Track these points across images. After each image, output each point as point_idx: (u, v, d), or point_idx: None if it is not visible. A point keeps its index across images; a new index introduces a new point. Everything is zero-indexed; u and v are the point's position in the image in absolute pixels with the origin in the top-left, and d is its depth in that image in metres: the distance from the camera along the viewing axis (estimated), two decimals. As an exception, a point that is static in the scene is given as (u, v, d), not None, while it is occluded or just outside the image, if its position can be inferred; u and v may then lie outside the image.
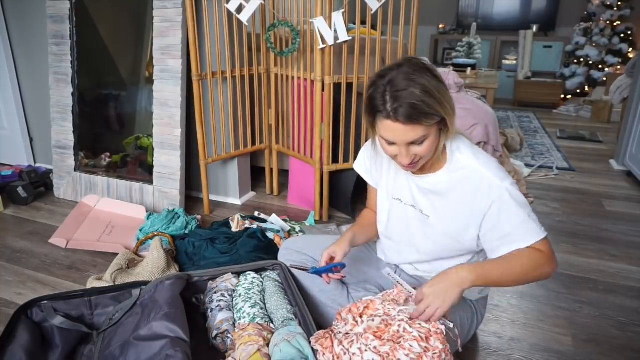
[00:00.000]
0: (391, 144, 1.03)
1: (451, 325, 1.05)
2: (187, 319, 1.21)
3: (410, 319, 1.03)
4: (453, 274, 1.01)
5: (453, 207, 1.12)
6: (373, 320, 1.07)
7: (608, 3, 5.04)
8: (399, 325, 1.02)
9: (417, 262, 1.28)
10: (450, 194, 1.12)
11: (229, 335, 1.25)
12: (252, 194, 2.58)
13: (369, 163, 1.31)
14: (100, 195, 2.39)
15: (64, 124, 2.47)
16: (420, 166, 1.09)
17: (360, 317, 1.10)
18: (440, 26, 6.25)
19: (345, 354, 1.02)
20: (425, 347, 0.97)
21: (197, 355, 1.14)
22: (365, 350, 0.99)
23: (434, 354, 0.96)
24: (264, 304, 1.34)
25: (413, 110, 0.95)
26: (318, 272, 1.23)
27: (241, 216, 1.98)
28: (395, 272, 1.38)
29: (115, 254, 1.82)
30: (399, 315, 1.05)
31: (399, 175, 1.21)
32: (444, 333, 1.00)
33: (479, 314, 1.30)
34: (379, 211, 1.32)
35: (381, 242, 1.38)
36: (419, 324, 1.01)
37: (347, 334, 1.09)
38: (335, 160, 2.17)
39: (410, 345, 0.97)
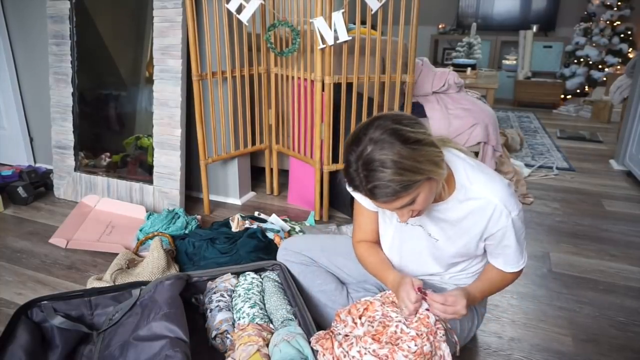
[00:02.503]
0: None
1: (449, 325, 1.06)
2: (187, 319, 1.21)
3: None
4: (475, 300, 1.14)
5: (464, 233, 1.12)
6: (372, 325, 1.07)
7: (608, 3, 5.04)
8: (396, 326, 1.02)
9: (431, 274, 1.27)
10: (460, 222, 1.10)
11: (228, 335, 1.25)
12: (252, 194, 2.58)
13: None
14: (100, 195, 2.39)
15: (64, 124, 2.47)
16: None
17: (360, 318, 1.10)
18: (440, 26, 6.25)
19: (345, 356, 1.02)
20: (420, 343, 0.98)
21: (196, 356, 1.14)
22: (365, 354, 0.99)
23: (423, 339, 0.97)
24: (264, 304, 1.34)
25: (388, 189, 0.91)
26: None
27: (241, 216, 1.98)
28: None
29: (115, 254, 1.82)
30: (396, 317, 1.05)
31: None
32: (428, 317, 1.02)
33: (479, 314, 1.30)
34: (382, 235, 1.27)
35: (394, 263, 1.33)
36: (415, 325, 1.02)
37: (346, 335, 1.09)
38: (335, 160, 2.16)
39: (409, 347, 0.97)
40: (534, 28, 5.58)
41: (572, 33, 5.44)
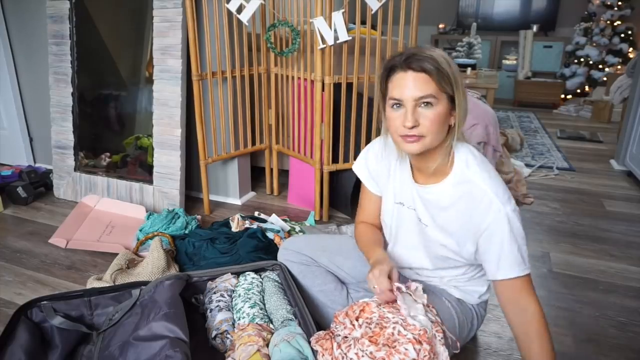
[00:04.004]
0: (398, 105, 1.00)
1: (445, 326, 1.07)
2: (187, 319, 1.21)
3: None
4: None
5: (452, 221, 1.10)
6: (370, 327, 1.07)
7: (608, 3, 5.04)
8: (394, 328, 1.02)
9: (420, 268, 1.26)
10: (450, 208, 1.09)
11: (228, 335, 1.25)
12: (252, 194, 2.58)
13: (373, 164, 1.25)
14: (100, 195, 2.39)
15: (64, 124, 2.47)
16: (423, 149, 1.02)
17: (357, 320, 1.11)
18: (440, 26, 6.25)
19: (343, 358, 1.02)
20: (419, 349, 0.98)
21: (196, 356, 1.14)
22: (362, 356, 1.00)
23: (424, 356, 0.97)
24: (264, 304, 1.34)
25: (425, 61, 0.96)
26: None
27: (241, 216, 1.98)
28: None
29: (115, 254, 1.82)
30: (393, 318, 1.05)
31: (404, 178, 1.18)
32: (427, 332, 1.01)
33: (479, 316, 1.29)
34: (384, 216, 1.28)
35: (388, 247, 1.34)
36: (413, 326, 1.01)
37: (345, 337, 1.09)
38: (335, 160, 2.16)
39: (406, 349, 0.97)
40: (534, 28, 5.58)
41: (572, 33, 5.44)
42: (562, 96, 5.37)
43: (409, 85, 0.97)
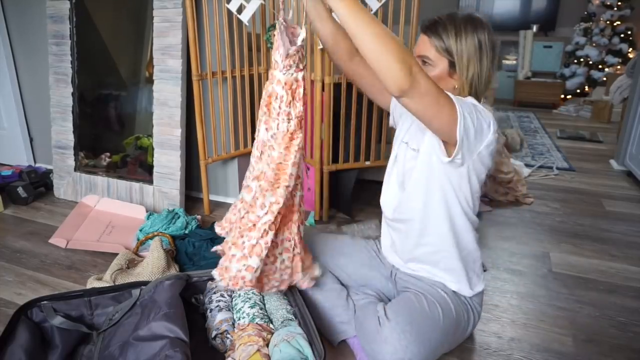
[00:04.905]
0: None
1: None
2: (187, 319, 1.21)
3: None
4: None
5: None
6: None
7: (608, 3, 5.05)
8: None
9: (406, 201, 1.29)
10: None
11: (228, 335, 1.25)
12: (252, 194, 2.58)
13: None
14: (100, 195, 2.39)
15: (64, 124, 2.47)
16: None
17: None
18: (440, 26, 6.25)
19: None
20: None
21: (196, 356, 1.14)
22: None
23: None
24: (264, 304, 1.34)
25: (431, 24, 1.15)
26: None
27: (241, 216, 1.97)
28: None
29: (115, 254, 1.82)
30: None
31: (413, 123, 1.30)
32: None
33: (475, 310, 1.31)
34: (392, 154, 1.40)
35: (384, 190, 1.41)
36: None
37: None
38: (335, 160, 2.16)
39: None
40: (534, 28, 5.58)
41: (572, 33, 5.44)
42: (562, 96, 5.37)
43: (417, 44, 1.19)
